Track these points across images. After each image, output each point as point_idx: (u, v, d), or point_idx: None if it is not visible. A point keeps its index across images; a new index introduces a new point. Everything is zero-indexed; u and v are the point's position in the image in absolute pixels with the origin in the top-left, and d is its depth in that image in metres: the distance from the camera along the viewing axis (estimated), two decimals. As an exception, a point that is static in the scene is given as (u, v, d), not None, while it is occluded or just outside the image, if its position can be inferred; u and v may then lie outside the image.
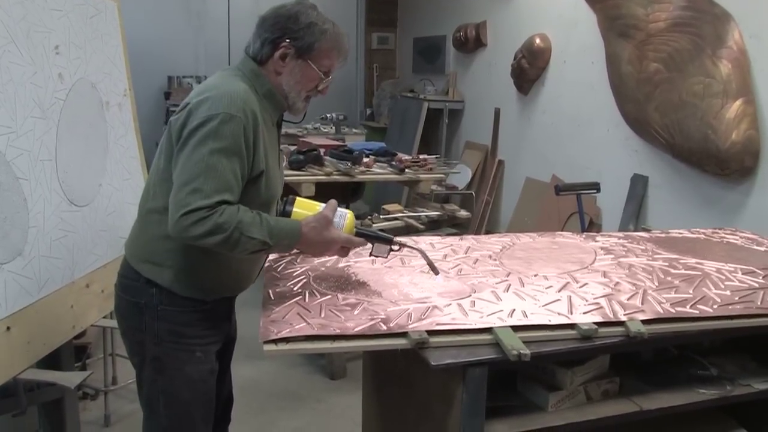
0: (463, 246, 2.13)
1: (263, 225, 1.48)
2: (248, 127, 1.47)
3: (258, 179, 1.52)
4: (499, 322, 1.47)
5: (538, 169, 5.00)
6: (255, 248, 1.48)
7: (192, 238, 1.42)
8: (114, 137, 2.53)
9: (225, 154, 1.42)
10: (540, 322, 1.48)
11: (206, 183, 1.39)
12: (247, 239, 1.45)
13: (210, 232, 1.40)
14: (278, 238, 1.50)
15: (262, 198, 1.53)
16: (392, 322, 1.45)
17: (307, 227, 1.54)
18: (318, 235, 1.55)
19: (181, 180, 1.41)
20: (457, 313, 1.52)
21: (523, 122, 5.20)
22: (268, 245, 1.49)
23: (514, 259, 2.00)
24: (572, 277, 1.81)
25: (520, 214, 5.14)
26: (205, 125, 1.42)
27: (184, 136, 1.44)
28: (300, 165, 3.55)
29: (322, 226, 1.55)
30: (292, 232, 1.52)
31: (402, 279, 1.77)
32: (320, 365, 3.39)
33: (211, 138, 1.41)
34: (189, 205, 1.39)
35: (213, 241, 1.42)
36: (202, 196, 1.39)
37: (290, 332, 1.38)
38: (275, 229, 1.50)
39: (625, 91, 3.82)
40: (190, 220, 1.39)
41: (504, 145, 5.39)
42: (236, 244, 1.44)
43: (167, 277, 1.53)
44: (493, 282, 1.76)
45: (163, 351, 1.56)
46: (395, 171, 3.75)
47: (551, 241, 2.24)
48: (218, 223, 1.41)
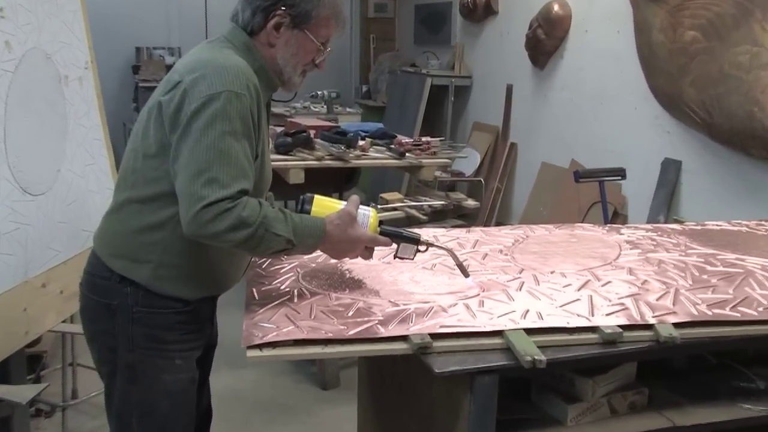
0: (471, 239, 2.13)
1: (288, 221, 1.49)
2: (253, 106, 1.47)
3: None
4: (511, 325, 1.47)
5: (555, 153, 5.00)
6: (278, 247, 1.48)
7: (212, 236, 1.41)
8: (74, 116, 2.52)
9: (235, 136, 1.42)
10: (557, 324, 1.48)
11: (222, 171, 1.39)
12: (272, 236, 1.46)
13: (233, 227, 1.40)
14: (302, 236, 1.51)
15: (256, 186, 1.53)
16: (391, 324, 1.45)
17: (331, 225, 1.54)
18: (342, 234, 1.56)
19: (192, 170, 1.40)
20: (463, 314, 1.52)
21: (539, 100, 5.19)
22: (292, 244, 1.49)
23: (527, 253, 2.00)
24: (593, 275, 1.81)
25: (534, 204, 5.14)
26: (208, 106, 1.41)
27: (183, 120, 1.43)
28: (287, 149, 3.54)
29: (346, 223, 1.56)
30: (316, 229, 1.53)
31: (402, 276, 1.77)
32: (310, 373, 3.40)
33: (219, 120, 1.41)
34: (207, 197, 1.38)
35: (236, 237, 1.41)
36: (220, 187, 1.39)
37: (277, 336, 1.38)
38: (299, 226, 1.50)
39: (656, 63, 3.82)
40: (210, 214, 1.38)
41: (517, 127, 5.39)
42: (260, 242, 1.45)
43: (146, 273, 1.53)
44: (504, 279, 1.76)
45: (138, 358, 1.56)
46: (394, 155, 3.75)
47: (570, 233, 2.24)
48: (242, 217, 1.41)
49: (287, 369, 3.43)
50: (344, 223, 1.56)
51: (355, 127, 4.26)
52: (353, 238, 1.57)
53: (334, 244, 1.56)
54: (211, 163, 1.39)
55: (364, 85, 7.41)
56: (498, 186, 5.36)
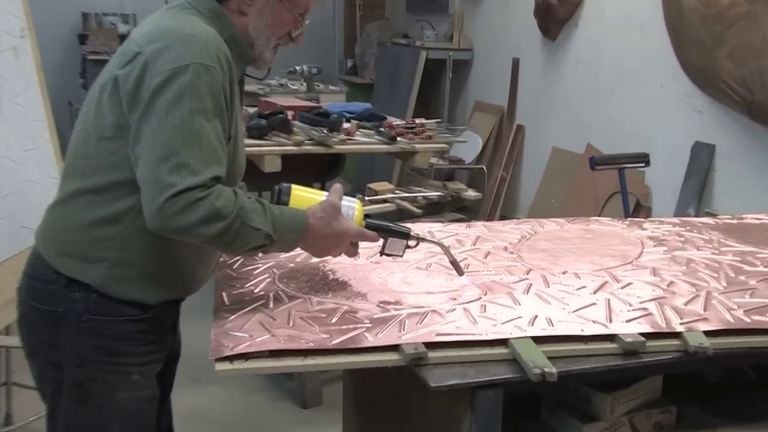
0: (472, 235, 2.14)
1: (267, 213, 1.49)
2: (225, 81, 1.47)
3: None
4: (517, 332, 1.47)
5: (568, 136, 5.01)
6: (256, 243, 1.48)
7: (181, 229, 1.41)
8: (9, 94, 2.49)
9: (206, 115, 1.42)
10: (570, 332, 1.49)
11: (192, 155, 1.39)
12: (250, 230, 1.46)
13: (206, 220, 1.40)
14: (282, 230, 1.51)
15: (228, 174, 1.53)
16: (380, 332, 1.45)
17: (314, 218, 1.55)
18: (327, 227, 1.56)
19: (157, 154, 1.39)
20: (463, 320, 1.53)
21: (550, 76, 5.20)
22: (270, 239, 1.49)
23: (536, 251, 2.01)
24: (612, 276, 1.82)
25: (544, 195, 5.15)
26: (174, 81, 1.41)
27: (144, 97, 1.43)
28: (262, 132, 3.53)
29: (330, 216, 1.57)
30: (298, 223, 1.53)
31: (393, 277, 1.77)
32: (289, 389, 3.40)
33: (187, 96, 1.41)
34: (175, 185, 1.38)
35: (209, 231, 1.42)
36: (189, 173, 1.38)
37: (250, 346, 1.38)
38: (279, 219, 1.50)
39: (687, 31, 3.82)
40: (179, 204, 1.38)
41: (525, 106, 5.40)
42: (235, 237, 1.45)
43: (99, 274, 1.52)
44: (509, 281, 1.77)
45: (89, 374, 1.55)
46: (384, 140, 3.75)
47: (585, 228, 2.24)
48: (216, 207, 1.41)
49: (262, 385, 3.43)
50: (328, 215, 1.56)
51: (339, 107, 4.26)
52: (338, 232, 1.58)
53: (317, 240, 1.57)
54: (179, 146, 1.39)
55: (349, 59, 7.40)
56: (503, 174, 5.37)
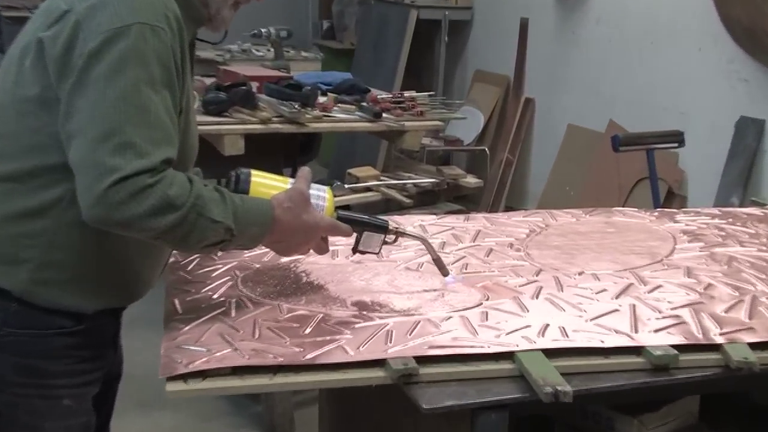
0: (471, 229, 2.14)
1: (226, 203, 1.48)
2: (175, 45, 1.47)
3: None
4: (524, 344, 1.48)
5: (587, 111, 5.02)
6: (214, 238, 1.47)
7: (126, 222, 1.39)
8: None
9: (153, 86, 1.41)
10: (587, 343, 1.49)
11: (138, 133, 1.38)
12: (208, 223, 1.44)
13: (157, 211, 1.39)
14: (245, 223, 1.50)
15: (178, 156, 1.51)
16: (363, 344, 1.45)
17: (280, 208, 1.55)
18: (295, 219, 1.56)
19: (96, 132, 1.38)
20: (460, 330, 1.53)
21: (565, 39, 5.21)
22: (231, 234, 1.49)
23: (547, 248, 2.02)
24: (638, 277, 1.83)
25: (558, 182, 5.16)
26: (114, 44, 1.39)
27: (78, 64, 1.41)
28: (221, 108, 3.52)
29: (299, 206, 1.57)
30: (262, 214, 1.53)
31: (378, 280, 1.77)
32: (254, 414, 3.40)
33: (130, 63, 1.39)
34: (120, 169, 1.36)
35: (159, 224, 1.40)
36: (136, 154, 1.37)
37: (208, 362, 1.38)
38: (241, 209, 1.50)
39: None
40: (124, 192, 1.36)
41: (534, 76, 5.40)
42: (191, 231, 1.44)
43: (21, 278, 1.51)
44: (515, 284, 1.77)
45: (8, 400, 1.54)
46: (367, 116, 3.74)
47: (606, 221, 2.25)
48: (168, 196, 1.39)
49: (222, 409, 3.43)
50: (296, 205, 1.56)
51: (314, 78, 4.25)
52: (309, 225, 1.58)
53: (284, 234, 1.57)
54: (123, 123, 1.37)
55: (324, 20, 7.38)
56: (508, 157, 5.37)
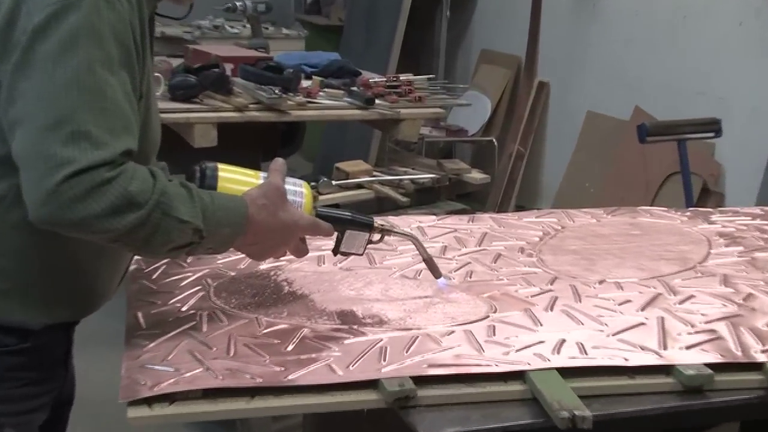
0: (476, 232, 2.14)
1: (194, 201, 1.47)
2: (134, 20, 1.47)
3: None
4: (537, 363, 1.48)
5: (609, 96, 5.01)
6: (180, 241, 1.46)
7: (80, 222, 1.38)
8: None
9: (109, 66, 1.41)
10: (609, 362, 1.49)
11: (93, 121, 1.37)
12: (174, 224, 1.43)
13: (116, 209, 1.37)
14: (215, 223, 1.49)
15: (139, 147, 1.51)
16: (353, 362, 1.45)
17: (254, 206, 1.54)
18: (272, 218, 1.56)
19: (44, 120, 1.37)
20: (464, 346, 1.53)
21: (584, 14, 5.21)
22: (200, 236, 1.47)
23: (564, 253, 2.02)
24: (667, 286, 1.83)
25: (576, 177, 5.16)
26: (62, 18, 1.38)
27: (21, 41, 1.40)
28: (190, 93, 3.52)
29: (275, 203, 1.57)
30: (235, 212, 1.52)
31: (370, 289, 1.77)
32: (228, 444, 3.40)
33: (83, 40, 1.38)
34: (74, 161, 1.35)
35: (119, 225, 1.39)
36: (92, 145, 1.36)
37: (176, 384, 1.37)
38: (211, 208, 1.48)
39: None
40: (79, 187, 1.35)
41: (549, 57, 5.39)
42: (154, 233, 1.42)
43: None
44: (527, 294, 1.78)
45: None
46: (358, 103, 3.74)
47: (630, 222, 2.26)
48: (129, 192, 1.38)
49: (193, 436, 3.43)
50: (272, 202, 1.56)
51: (297, 58, 4.25)
52: (287, 224, 1.58)
53: (259, 235, 1.56)
54: (75, 109, 1.36)
55: (309, -7, 7.38)
56: (519, 150, 5.36)
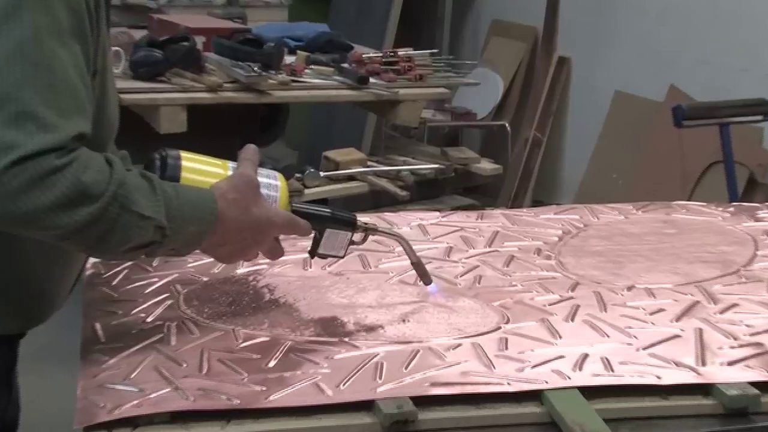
0: (486, 230, 2.15)
1: (157, 193, 1.46)
2: None
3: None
4: (556, 380, 1.48)
5: (640, 74, 5.02)
6: (140, 240, 1.46)
7: (25, 216, 1.37)
8: None
9: (59, 37, 1.41)
10: (639, 380, 1.49)
11: (40, 100, 1.38)
12: (133, 219, 1.43)
13: (67, 202, 1.37)
14: (181, 219, 1.48)
15: (93, 132, 1.50)
16: (345, 381, 1.45)
17: (224, 200, 1.55)
18: (244, 215, 1.57)
19: None
20: (472, 362, 1.53)
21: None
22: (162, 234, 1.47)
23: (587, 255, 2.02)
24: (706, 293, 1.84)
25: (601, 167, 5.17)
26: None
27: None
28: (155, 70, 3.54)
29: (247, 197, 1.58)
30: (203, 207, 1.52)
31: (363, 297, 1.78)
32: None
33: (27, 5, 1.39)
34: (17, 146, 1.35)
35: (70, 220, 1.38)
36: (39, 128, 1.37)
37: (140, 407, 1.37)
38: (176, 202, 1.48)
39: None
40: (24, 176, 1.35)
41: (571, 28, 5.40)
42: (111, 230, 1.42)
43: None
44: (544, 301, 1.78)
45: None
46: (349, 82, 3.75)
47: (664, 219, 2.27)
48: (83, 183, 1.38)
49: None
50: (245, 197, 1.56)
51: (279, 30, 4.24)
52: (261, 221, 1.58)
53: (229, 234, 1.56)
54: (20, 86, 1.37)
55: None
56: (536, 136, 5.37)
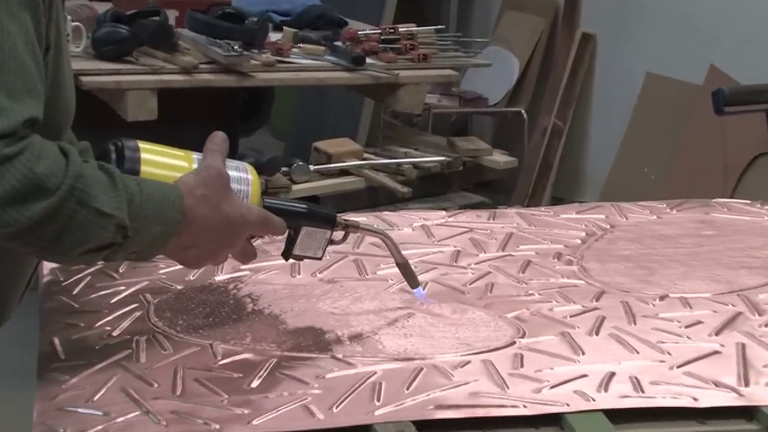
0: (499, 232, 2.17)
1: (118, 188, 1.47)
2: None
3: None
4: (578, 403, 1.49)
5: (674, 54, 5.04)
6: (99, 241, 1.47)
7: None
8: None
9: (6, 6, 1.43)
10: (673, 402, 1.50)
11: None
12: (92, 217, 1.43)
13: (17, 195, 1.39)
14: (144, 218, 1.49)
15: (47, 118, 1.51)
16: (338, 403, 1.46)
17: (192, 197, 1.56)
18: (214, 213, 1.58)
19: None
20: (483, 381, 1.54)
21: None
22: (124, 234, 1.48)
23: (613, 260, 2.04)
24: (750, 303, 1.85)
25: (630, 160, 5.16)
26: None
27: None
28: (121, 49, 3.56)
29: (216, 192, 1.59)
30: (168, 205, 1.53)
31: (359, 307, 1.79)
32: None
33: None
34: None
35: (20, 216, 1.39)
36: None
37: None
38: (138, 198, 1.49)
39: None
40: None
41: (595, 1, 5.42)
42: (66, 228, 1.43)
43: None
44: (564, 313, 1.80)
45: None
46: (343, 63, 3.77)
47: (702, 219, 2.28)
48: (36, 174, 1.39)
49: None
50: (214, 193, 1.58)
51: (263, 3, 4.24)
52: (233, 220, 1.60)
53: (197, 235, 1.58)
54: None
55: None
56: (556, 124, 5.37)
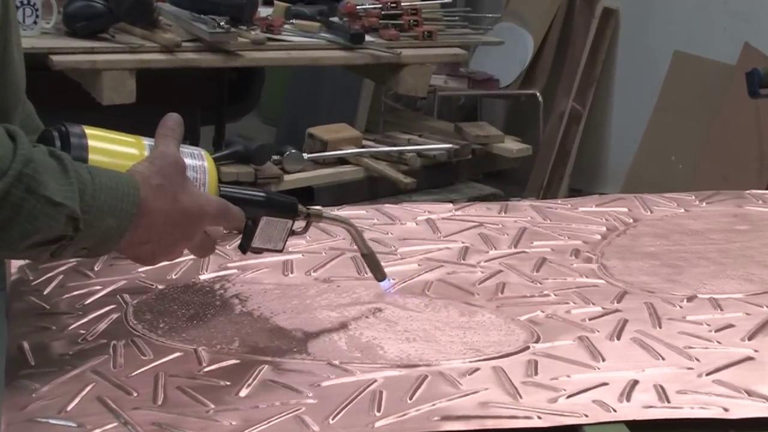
0: (512, 227, 2.19)
1: (69, 175, 1.49)
2: None
3: None
4: (598, 413, 1.50)
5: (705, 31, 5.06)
6: (49, 233, 1.48)
7: None
8: None
9: None
10: (702, 412, 1.52)
11: None
12: (42, 206, 1.44)
13: None
14: (97, 210, 1.50)
15: None
16: (334, 413, 1.48)
17: (147, 187, 1.58)
18: (171, 204, 1.60)
19: None
20: (494, 390, 1.56)
21: None
22: (75, 227, 1.49)
23: (637, 257, 2.07)
24: (785, 305, 1.88)
25: (656, 147, 5.16)
26: None
27: None
28: (96, 25, 3.59)
29: (173, 182, 1.61)
30: (123, 195, 1.54)
31: (357, 309, 1.82)
32: None
33: None
34: None
35: None
36: None
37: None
38: (90, 187, 1.50)
39: None
40: None
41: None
42: (13, 218, 1.44)
43: None
44: (582, 315, 1.82)
45: None
46: (340, 41, 3.80)
47: (734, 213, 2.31)
48: None
49: None
50: (171, 182, 1.60)
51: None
52: (191, 211, 1.62)
53: (153, 228, 1.60)
54: None
55: None
56: (575, 108, 5.38)
